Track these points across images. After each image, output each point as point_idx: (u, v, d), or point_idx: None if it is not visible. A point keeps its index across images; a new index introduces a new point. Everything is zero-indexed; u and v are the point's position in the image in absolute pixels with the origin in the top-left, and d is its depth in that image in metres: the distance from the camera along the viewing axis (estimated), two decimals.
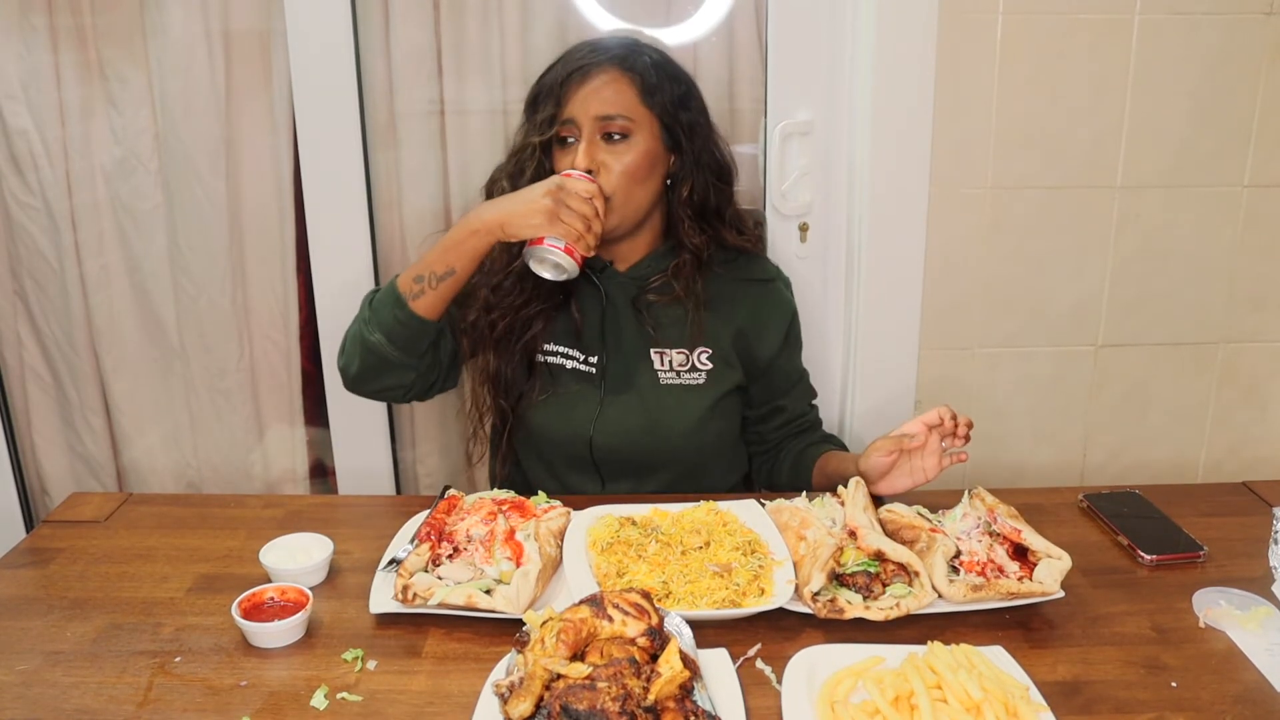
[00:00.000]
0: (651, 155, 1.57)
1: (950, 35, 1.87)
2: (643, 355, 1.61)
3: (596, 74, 1.54)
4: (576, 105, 1.54)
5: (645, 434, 1.59)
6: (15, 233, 2.17)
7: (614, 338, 1.62)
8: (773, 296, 1.70)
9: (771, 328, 1.67)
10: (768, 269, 1.72)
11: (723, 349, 1.63)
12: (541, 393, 1.61)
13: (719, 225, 1.65)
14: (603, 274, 1.63)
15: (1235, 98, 1.92)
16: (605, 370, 1.61)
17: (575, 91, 1.54)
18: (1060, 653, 1.15)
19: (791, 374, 1.74)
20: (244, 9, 2.05)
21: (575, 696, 0.95)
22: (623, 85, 1.55)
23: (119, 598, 1.27)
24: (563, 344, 1.63)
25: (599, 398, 1.60)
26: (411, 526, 1.38)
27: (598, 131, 1.53)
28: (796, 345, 1.74)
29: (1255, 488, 1.53)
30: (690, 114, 1.61)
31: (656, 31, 2.07)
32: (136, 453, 2.32)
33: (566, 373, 1.62)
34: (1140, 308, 2.04)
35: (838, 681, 1.07)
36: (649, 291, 1.61)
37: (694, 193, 1.61)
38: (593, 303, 1.63)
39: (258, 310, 2.24)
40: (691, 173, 1.60)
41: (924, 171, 1.94)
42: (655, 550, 1.28)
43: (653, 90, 1.56)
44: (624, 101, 1.54)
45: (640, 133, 1.55)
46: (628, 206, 1.56)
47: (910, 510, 1.33)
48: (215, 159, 2.13)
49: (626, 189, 1.54)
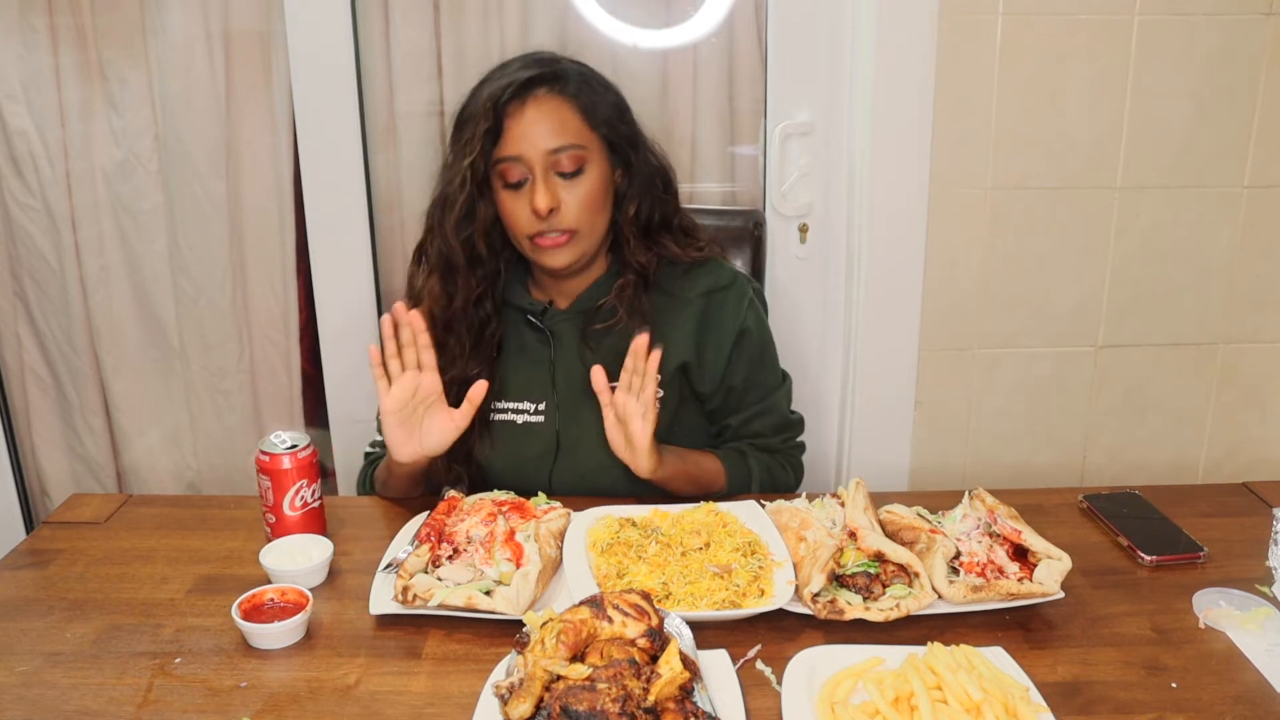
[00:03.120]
0: (605, 179, 1.49)
1: (950, 35, 1.87)
2: (593, 392, 1.45)
3: (535, 101, 1.44)
4: (522, 142, 1.43)
5: (601, 471, 1.51)
6: (15, 233, 2.17)
7: (564, 381, 1.55)
8: (722, 308, 1.55)
9: (714, 343, 1.54)
10: (720, 277, 1.56)
11: (667, 370, 1.52)
12: (494, 451, 1.55)
13: (666, 239, 1.56)
14: (545, 316, 1.55)
15: (1235, 98, 1.92)
16: (558, 417, 1.55)
17: (515, 124, 1.43)
18: (1060, 653, 1.15)
19: (746, 394, 1.58)
20: (244, 9, 2.06)
21: (575, 697, 0.95)
22: (565, 110, 1.45)
23: (119, 599, 1.27)
24: (512, 399, 1.56)
25: (553, 447, 1.55)
26: (411, 528, 1.38)
27: (551, 168, 1.44)
28: (751, 361, 1.57)
29: (1255, 488, 1.53)
30: (627, 125, 1.52)
31: (656, 32, 2.07)
32: (136, 453, 2.32)
33: (518, 427, 1.56)
34: (1140, 308, 2.04)
35: (838, 682, 1.07)
36: (595, 322, 1.53)
37: (640, 209, 1.52)
38: (539, 348, 1.56)
39: (258, 311, 2.24)
40: (638, 189, 1.52)
41: (924, 172, 1.94)
42: (655, 551, 1.28)
43: (592, 110, 1.47)
44: (570, 128, 1.45)
45: (592, 159, 1.47)
46: (592, 237, 1.50)
47: (910, 511, 1.33)
48: (215, 159, 2.13)
49: (589, 221, 1.48)
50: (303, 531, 1.35)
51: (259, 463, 1.34)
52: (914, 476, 2.11)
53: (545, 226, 1.46)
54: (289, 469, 1.34)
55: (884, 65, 1.89)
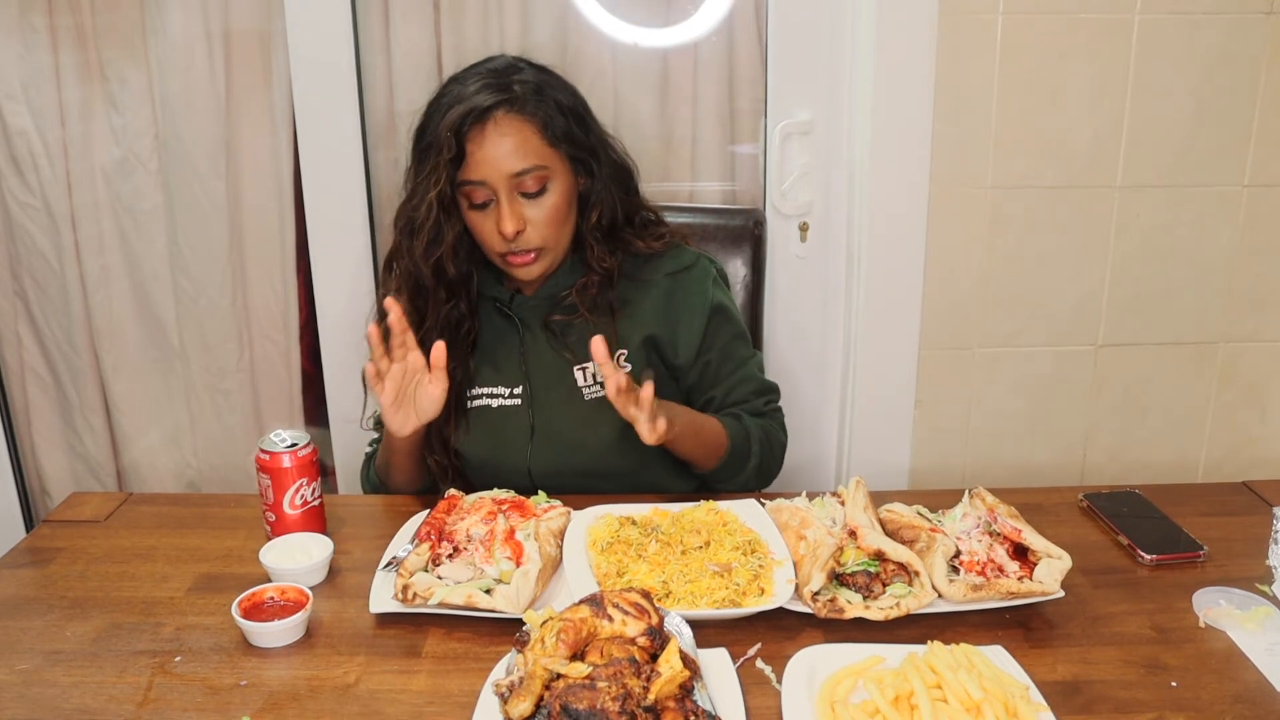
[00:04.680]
0: (569, 193, 1.52)
1: (950, 35, 1.87)
2: (565, 374, 1.57)
3: (494, 123, 1.45)
4: (485, 166, 1.45)
5: (578, 451, 1.56)
6: (15, 233, 2.17)
7: (534, 364, 1.58)
8: (686, 288, 1.58)
9: (685, 319, 1.57)
10: (683, 258, 1.60)
11: (634, 350, 1.57)
12: (472, 435, 1.58)
13: (629, 235, 1.59)
14: (513, 303, 1.60)
15: (1235, 98, 1.92)
16: (532, 399, 1.58)
17: (477, 149, 1.45)
18: (1060, 652, 1.15)
19: (724, 364, 1.61)
20: (244, 9, 2.06)
21: (575, 696, 0.95)
22: (525, 130, 1.46)
23: (119, 597, 1.27)
24: (486, 384, 1.59)
25: (529, 429, 1.57)
26: (411, 526, 1.38)
27: (515, 189, 1.47)
28: (726, 335, 1.60)
29: (1255, 488, 1.53)
30: (586, 131, 1.54)
31: (657, 30, 2.07)
32: (136, 453, 2.32)
33: (494, 411, 1.59)
34: (1140, 308, 2.04)
35: (838, 681, 1.07)
36: (558, 311, 1.57)
37: (603, 214, 1.55)
38: (509, 334, 1.60)
39: (258, 310, 2.24)
40: (600, 194, 1.55)
41: (924, 171, 1.94)
42: (655, 550, 1.28)
43: (551, 124, 1.48)
44: (531, 149, 1.46)
45: (555, 177, 1.49)
46: (559, 249, 1.54)
47: (910, 510, 1.33)
48: (215, 159, 2.13)
49: (555, 235, 1.51)
50: (303, 530, 1.36)
51: (259, 461, 1.35)
52: (914, 475, 2.11)
53: (513, 246, 1.49)
54: (289, 468, 1.34)
55: (884, 65, 1.89)
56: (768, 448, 1.60)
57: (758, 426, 1.60)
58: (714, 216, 1.97)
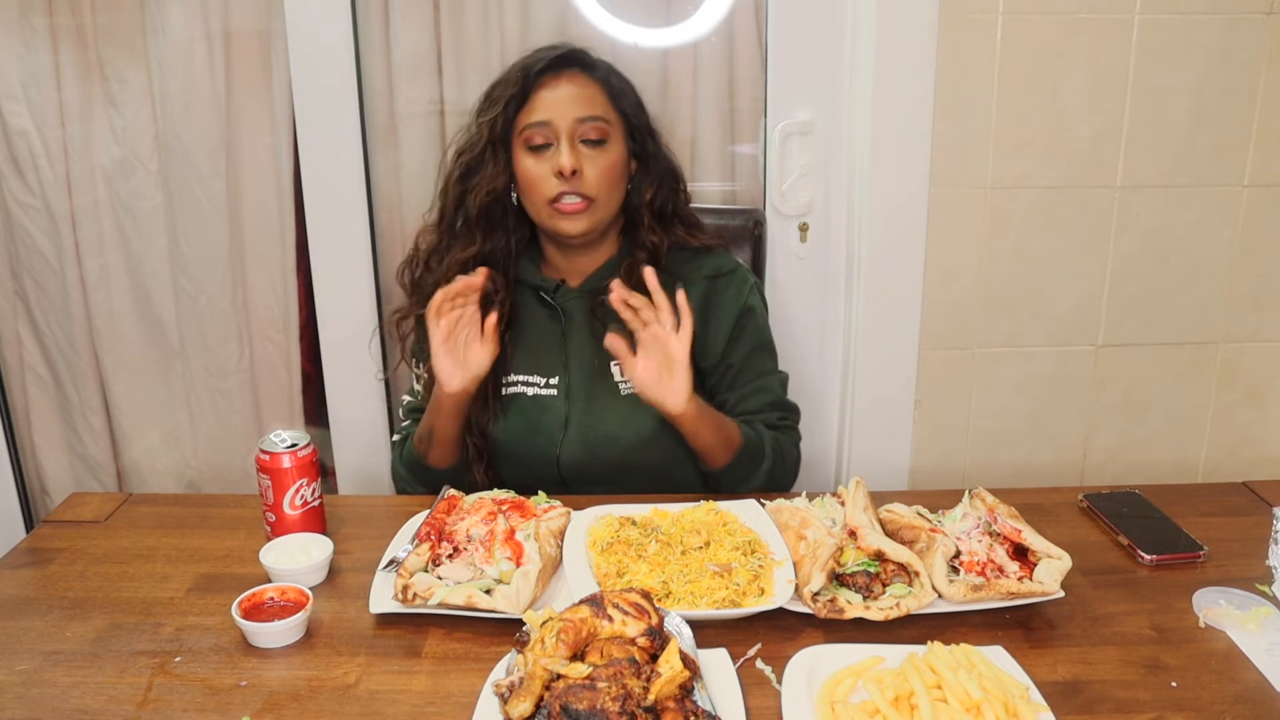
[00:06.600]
0: (623, 160, 1.59)
1: (950, 35, 1.87)
2: (603, 368, 1.59)
3: (567, 76, 1.55)
4: (551, 108, 1.54)
5: (609, 446, 1.57)
6: (15, 233, 2.17)
7: (575, 356, 1.61)
8: (725, 290, 1.63)
9: (716, 320, 1.61)
10: (725, 264, 1.66)
11: None
12: (505, 422, 1.60)
13: (677, 226, 1.65)
14: (557, 293, 1.62)
15: (1235, 98, 1.92)
16: (568, 391, 1.59)
17: (547, 94, 1.54)
18: (1060, 653, 1.15)
19: (744, 371, 1.63)
20: (244, 9, 2.06)
21: (575, 696, 0.95)
22: (594, 88, 1.57)
23: (119, 598, 1.27)
24: (522, 372, 1.61)
25: (563, 419, 1.59)
26: (411, 526, 1.38)
27: (576, 135, 1.54)
28: (751, 341, 1.64)
29: (1255, 488, 1.53)
30: (646, 118, 1.63)
31: (657, 30, 2.07)
32: (136, 453, 2.32)
33: (528, 399, 1.60)
34: (1140, 308, 2.04)
35: (838, 681, 1.07)
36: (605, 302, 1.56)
37: (656, 197, 1.62)
38: (551, 324, 1.63)
39: (258, 310, 2.24)
40: (654, 177, 1.62)
41: (924, 171, 1.94)
42: (655, 550, 1.28)
43: (619, 94, 1.59)
44: (598, 103, 1.56)
45: (614, 136, 1.57)
46: (608, 208, 1.58)
47: (910, 510, 1.33)
48: (215, 159, 2.13)
49: (608, 192, 1.56)
50: (303, 530, 1.36)
51: (259, 461, 1.34)
52: (914, 476, 2.11)
53: (567, 188, 1.53)
54: (289, 468, 1.34)
55: (884, 65, 1.89)
56: (779, 456, 1.60)
57: (770, 438, 1.60)
58: (714, 216, 1.97)
